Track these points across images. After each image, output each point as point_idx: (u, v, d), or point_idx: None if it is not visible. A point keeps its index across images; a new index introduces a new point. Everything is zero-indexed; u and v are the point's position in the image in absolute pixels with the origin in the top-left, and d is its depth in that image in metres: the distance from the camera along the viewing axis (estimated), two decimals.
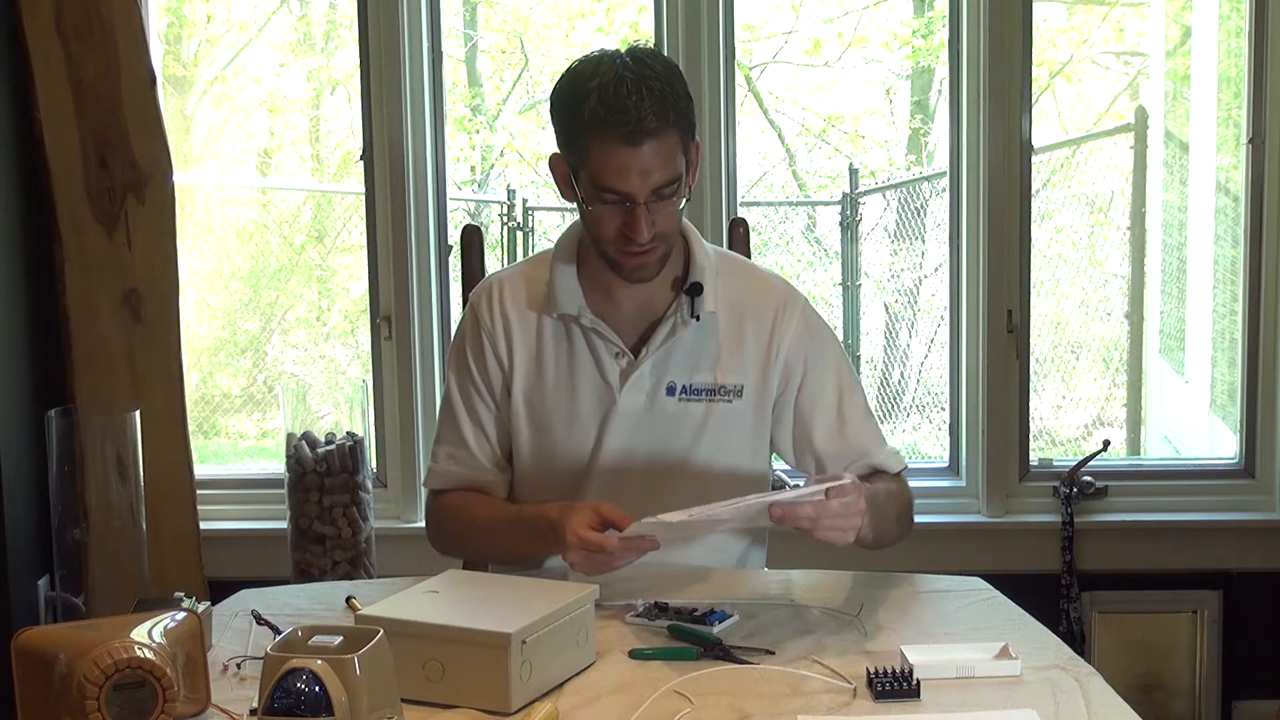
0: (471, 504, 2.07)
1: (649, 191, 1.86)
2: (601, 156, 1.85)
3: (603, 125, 1.83)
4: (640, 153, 1.84)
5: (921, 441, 5.05)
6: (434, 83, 3.23)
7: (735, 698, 1.58)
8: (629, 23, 5.59)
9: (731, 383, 2.02)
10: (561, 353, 2.03)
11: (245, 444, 5.23)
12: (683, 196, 1.92)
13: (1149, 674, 3.23)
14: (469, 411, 2.08)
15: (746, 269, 2.12)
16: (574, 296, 2.00)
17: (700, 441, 2.02)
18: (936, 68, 5.49)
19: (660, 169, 1.85)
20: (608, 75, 1.84)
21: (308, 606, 1.95)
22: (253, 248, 5.20)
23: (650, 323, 2.02)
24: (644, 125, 1.82)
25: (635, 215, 1.87)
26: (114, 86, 3.03)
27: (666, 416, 2.01)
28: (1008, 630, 1.75)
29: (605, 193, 1.87)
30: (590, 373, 2.01)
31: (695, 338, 2.01)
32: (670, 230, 1.93)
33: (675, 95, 1.86)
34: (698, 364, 2.01)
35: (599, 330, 2.00)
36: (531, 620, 1.58)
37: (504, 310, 2.05)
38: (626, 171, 1.84)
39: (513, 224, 4.96)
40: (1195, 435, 4.05)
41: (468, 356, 2.07)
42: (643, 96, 1.82)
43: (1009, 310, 3.19)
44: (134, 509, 2.60)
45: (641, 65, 1.86)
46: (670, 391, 2.01)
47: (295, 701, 1.35)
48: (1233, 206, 3.37)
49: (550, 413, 2.04)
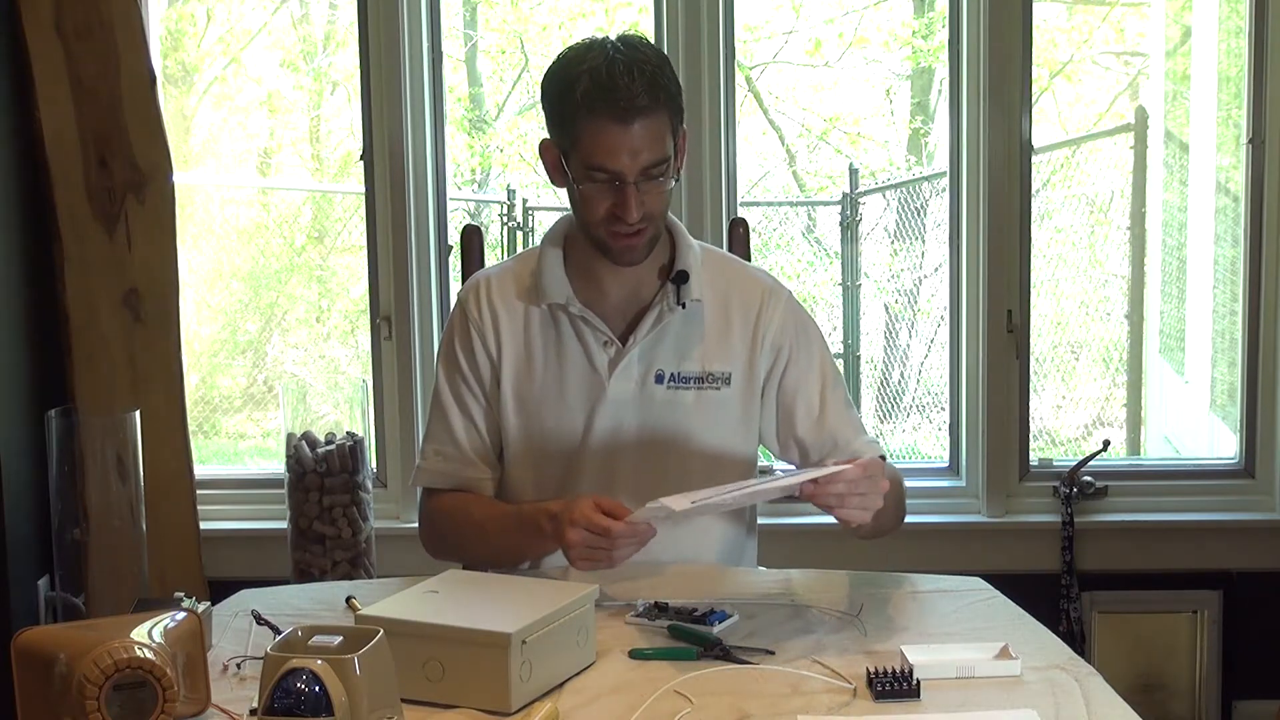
0: (468, 505, 2.07)
1: (638, 171, 1.90)
2: (593, 135, 1.89)
3: (594, 104, 1.87)
4: (631, 131, 1.87)
5: (921, 441, 5.05)
6: (434, 83, 3.23)
7: (735, 698, 1.58)
8: (629, 23, 5.58)
9: (719, 370, 2.04)
10: (550, 342, 2.04)
11: (245, 444, 5.23)
12: (670, 179, 1.95)
13: (1149, 674, 3.23)
14: (459, 405, 2.08)
15: (731, 261, 2.16)
16: (562, 286, 2.03)
17: (690, 428, 2.04)
18: (936, 68, 5.49)
19: (650, 149, 1.89)
20: (599, 58, 1.89)
21: (308, 606, 1.95)
22: (253, 248, 5.20)
23: (638, 311, 2.04)
24: (635, 104, 1.86)
25: (625, 194, 1.90)
26: (114, 86, 3.03)
27: (656, 404, 2.03)
28: (1008, 630, 1.75)
29: (596, 172, 1.91)
30: (579, 361, 2.03)
31: (682, 326, 2.03)
32: (658, 212, 1.96)
33: (665, 78, 1.91)
34: (686, 352, 2.03)
35: (587, 319, 2.02)
36: (531, 620, 1.58)
37: (491, 304, 2.07)
38: (617, 150, 1.88)
39: (513, 224, 4.96)
40: (1195, 435, 4.05)
41: (456, 351, 2.08)
42: (634, 77, 1.87)
43: (1009, 310, 3.19)
44: (134, 509, 2.60)
45: (632, 49, 1.91)
46: (659, 379, 2.03)
47: (295, 701, 1.35)
48: (1233, 206, 3.37)
49: (539, 401, 2.05)
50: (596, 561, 1.82)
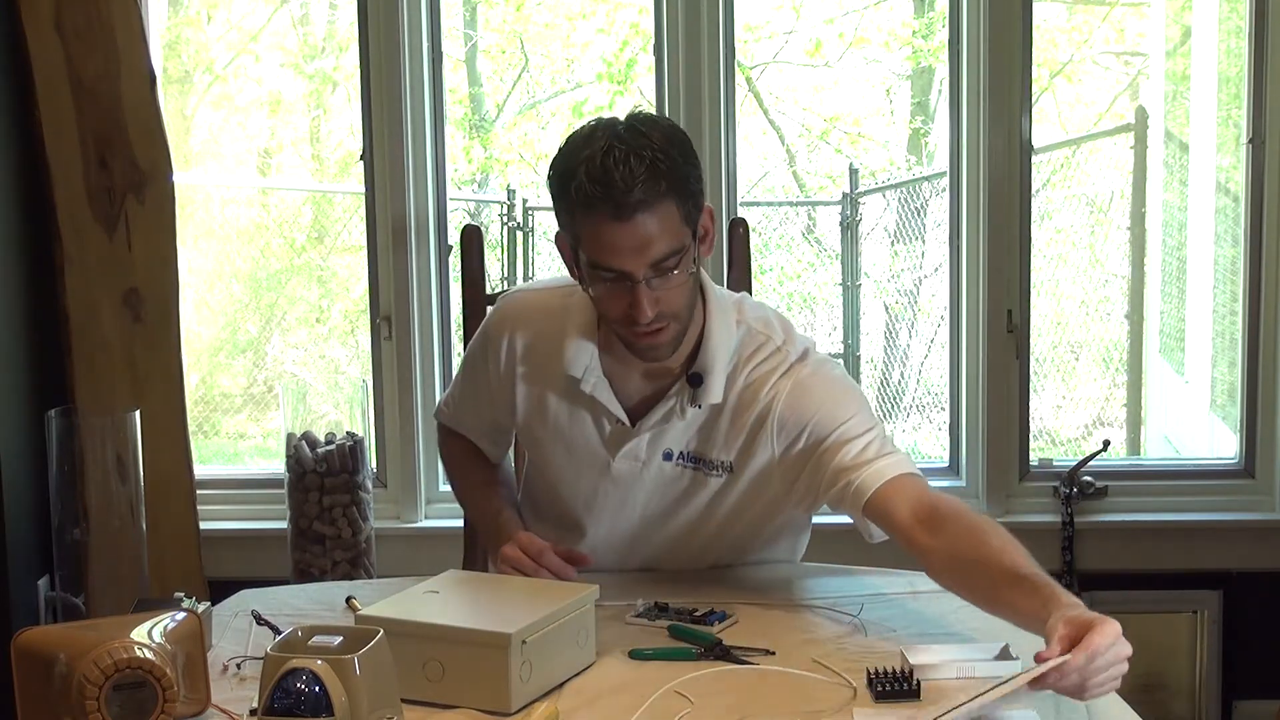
0: (467, 464, 2.17)
1: (646, 267, 1.74)
2: (593, 234, 1.75)
3: (590, 201, 1.72)
4: (631, 227, 1.72)
5: (921, 441, 5.05)
6: (434, 83, 3.22)
7: (735, 698, 1.58)
8: (629, 23, 5.59)
9: (720, 459, 1.92)
10: (564, 406, 1.97)
11: (245, 444, 5.23)
12: (688, 271, 1.79)
13: (1149, 674, 3.23)
14: (472, 393, 2.11)
15: (761, 349, 1.92)
16: (582, 357, 1.91)
17: (696, 502, 1.97)
18: (937, 68, 5.49)
19: (657, 243, 1.73)
20: (597, 147, 1.73)
21: (308, 606, 1.95)
22: (253, 248, 5.20)
23: (656, 393, 1.93)
24: (630, 198, 1.70)
25: (636, 294, 1.75)
26: (114, 86, 3.03)
27: (664, 479, 1.96)
28: (1008, 630, 1.75)
29: (602, 271, 1.77)
30: (589, 431, 1.96)
31: (693, 418, 1.92)
32: (679, 308, 1.81)
33: (670, 161, 1.73)
34: (691, 437, 1.94)
35: (598, 398, 1.93)
36: (531, 620, 1.58)
37: (513, 352, 1.99)
38: (619, 248, 1.73)
39: (513, 224, 4.96)
40: (1195, 435, 4.05)
41: (477, 360, 2.06)
42: (631, 167, 1.70)
43: (1009, 310, 3.19)
44: (134, 509, 2.60)
45: (635, 134, 1.74)
46: (667, 457, 1.95)
47: (295, 701, 1.35)
48: (1233, 206, 3.37)
49: (549, 455, 2.02)
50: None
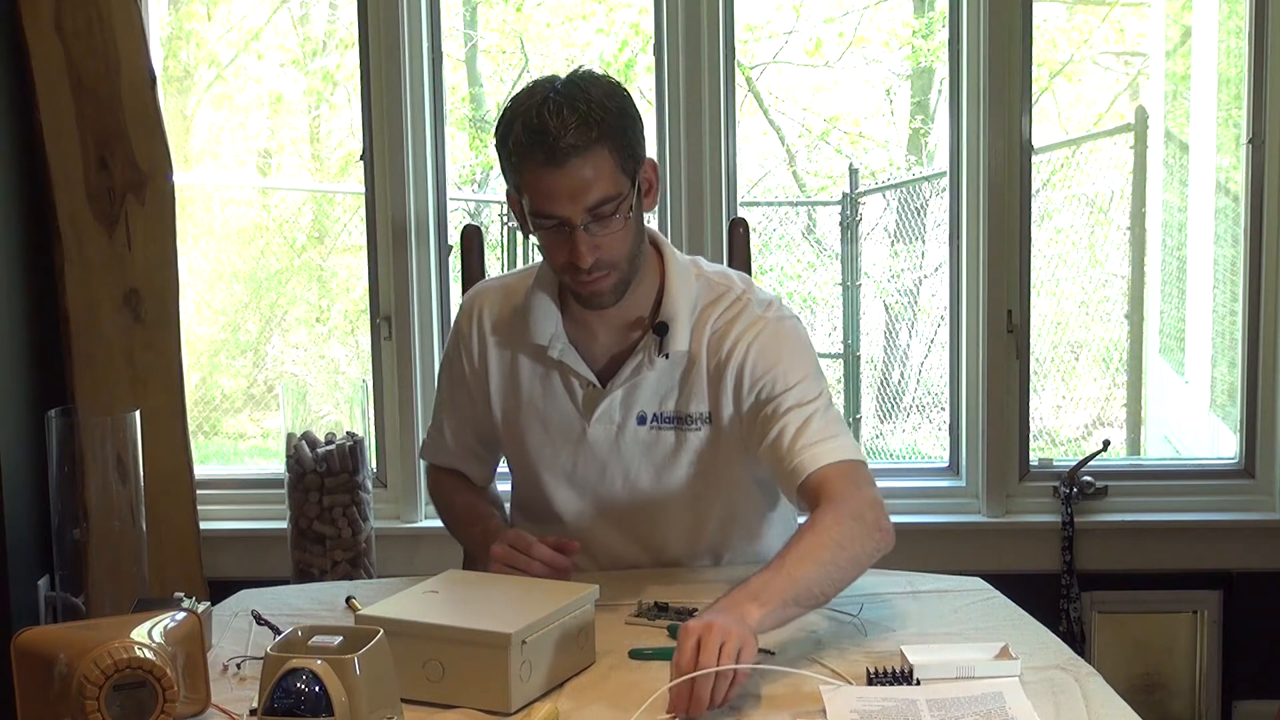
0: (453, 494, 2.18)
1: (584, 212, 1.80)
2: (532, 180, 1.81)
3: (526, 148, 1.80)
4: (566, 172, 1.79)
5: (921, 441, 5.05)
6: (434, 83, 3.22)
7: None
8: (629, 23, 5.59)
9: (696, 411, 1.97)
10: (536, 377, 2.02)
11: (245, 444, 5.23)
12: (625, 218, 1.84)
13: (1149, 674, 3.23)
14: (451, 404, 2.14)
15: (723, 298, 1.98)
16: (548, 325, 1.98)
17: (675, 466, 2.00)
18: (937, 68, 5.49)
19: (593, 189, 1.80)
20: (535, 100, 1.81)
21: (308, 606, 1.95)
22: (253, 248, 5.20)
23: (623, 352, 1.98)
24: (562, 143, 1.77)
25: (574, 239, 1.81)
26: (114, 86, 3.03)
27: (639, 444, 1.99)
28: (1007, 630, 1.76)
29: (542, 218, 1.83)
30: (562, 399, 2.01)
31: (664, 370, 1.96)
32: (618, 256, 1.86)
33: (605, 111, 1.80)
34: (666, 394, 1.98)
35: (566, 362, 1.98)
36: (531, 620, 1.58)
37: (482, 328, 2.06)
38: (554, 194, 1.80)
39: (512, 224, 4.96)
40: (1195, 435, 4.05)
41: (452, 360, 2.12)
42: (563, 116, 1.78)
43: (1009, 310, 3.19)
44: (134, 509, 2.60)
45: (572, 87, 1.82)
46: (641, 420, 1.99)
47: (295, 701, 1.35)
48: (1233, 207, 3.37)
49: (524, 432, 2.05)
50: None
